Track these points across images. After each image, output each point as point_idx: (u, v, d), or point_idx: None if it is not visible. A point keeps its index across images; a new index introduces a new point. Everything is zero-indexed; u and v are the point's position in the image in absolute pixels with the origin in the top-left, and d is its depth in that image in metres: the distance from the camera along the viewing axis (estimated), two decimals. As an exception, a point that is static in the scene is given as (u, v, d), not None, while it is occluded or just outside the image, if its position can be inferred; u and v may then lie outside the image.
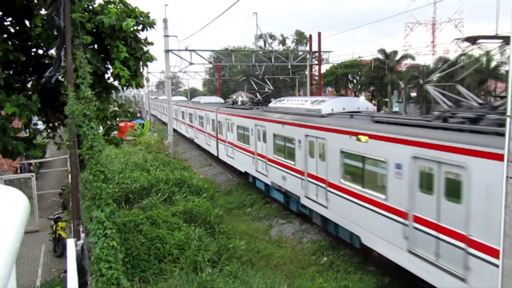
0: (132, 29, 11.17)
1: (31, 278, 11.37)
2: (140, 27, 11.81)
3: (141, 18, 11.82)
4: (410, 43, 74.14)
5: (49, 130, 12.76)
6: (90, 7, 11.13)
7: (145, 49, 11.87)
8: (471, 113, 8.95)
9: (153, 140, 37.17)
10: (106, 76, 11.90)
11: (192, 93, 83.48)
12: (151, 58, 11.94)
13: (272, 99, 21.15)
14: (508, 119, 5.13)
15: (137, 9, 11.79)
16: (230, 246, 12.16)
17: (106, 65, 11.45)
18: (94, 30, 10.68)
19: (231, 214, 17.87)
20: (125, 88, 12.76)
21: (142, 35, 11.99)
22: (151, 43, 12.04)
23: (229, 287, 9.56)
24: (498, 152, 6.94)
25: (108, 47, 11.06)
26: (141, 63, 11.88)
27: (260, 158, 18.48)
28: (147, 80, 14.66)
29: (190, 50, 30.91)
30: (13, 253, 2.07)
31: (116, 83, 12.01)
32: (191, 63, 31.61)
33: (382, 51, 55.35)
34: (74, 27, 9.74)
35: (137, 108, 76.31)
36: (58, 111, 11.75)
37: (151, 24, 11.85)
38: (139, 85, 12.60)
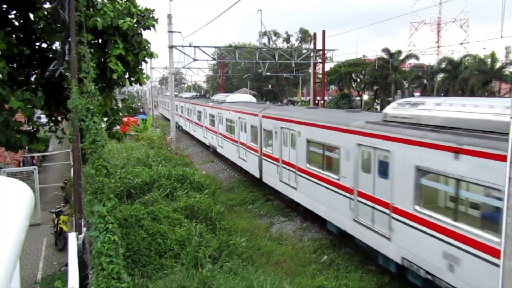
0: (133, 27, 11.18)
1: (33, 271, 11.43)
2: (141, 24, 11.81)
3: (143, 16, 11.80)
4: (415, 43, 74.03)
5: (51, 124, 12.79)
6: (93, 1, 11.13)
7: (145, 45, 11.84)
8: None
9: (155, 135, 37.21)
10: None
11: (195, 89, 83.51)
12: (148, 55, 11.89)
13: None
14: (511, 121, 5.10)
15: (141, 8, 11.78)
16: (231, 243, 12.18)
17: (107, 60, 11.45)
18: (99, 29, 10.69)
19: (232, 211, 17.90)
20: (124, 84, 12.77)
21: (145, 32, 11.98)
22: (148, 42, 11.95)
23: (230, 283, 9.57)
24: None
25: (108, 43, 11.09)
26: (139, 59, 11.83)
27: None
28: (147, 78, 14.57)
29: (194, 46, 30.86)
30: (18, 245, 2.07)
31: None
32: (194, 59, 31.58)
33: (386, 50, 55.15)
34: (75, 24, 9.74)
35: (140, 104, 76.47)
36: (61, 105, 11.77)
37: (150, 25, 11.81)
38: (138, 81, 12.58)
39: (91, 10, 10.94)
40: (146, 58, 11.95)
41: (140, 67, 12.32)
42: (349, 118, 12.46)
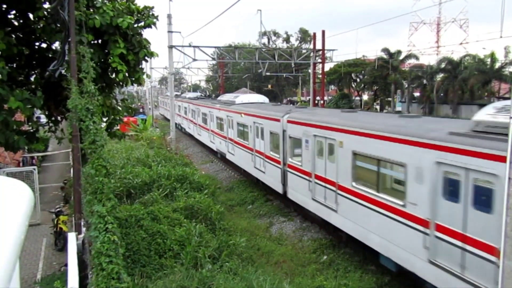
0: (133, 26, 11.21)
1: (32, 271, 11.42)
2: (142, 24, 11.83)
3: (143, 15, 11.82)
4: (415, 43, 74.10)
5: (51, 124, 12.79)
6: (94, 2, 11.14)
7: (145, 45, 11.85)
8: None
9: (155, 135, 37.22)
10: (108, 71, 11.95)
11: (195, 89, 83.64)
12: (149, 54, 11.91)
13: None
14: (511, 121, 5.10)
15: (139, 7, 11.81)
16: (231, 243, 12.18)
17: (109, 60, 11.46)
18: (97, 26, 10.70)
19: (232, 211, 17.90)
20: (125, 84, 12.79)
21: (145, 31, 12.00)
22: (148, 42, 11.97)
23: (229, 283, 9.57)
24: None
25: (108, 43, 11.12)
26: (139, 58, 11.85)
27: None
28: (148, 77, 14.58)
29: (193, 46, 30.85)
30: (18, 245, 2.07)
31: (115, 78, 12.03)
32: (194, 59, 31.59)
33: (386, 50, 55.20)
34: (75, 24, 9.76)
35: (139, 104, 76.50)
36: (61, 105, 11.77)
37: (151, 23, 11.83)
38: (138, 81, 12.57)
39: (91, 9, 10.95)
40: (146, 57, 11.96)
41: (140, 67, 12.33)
42: (417, 126, 9.84)
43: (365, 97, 69.89)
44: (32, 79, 11.91)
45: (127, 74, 11.94)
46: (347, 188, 11.83)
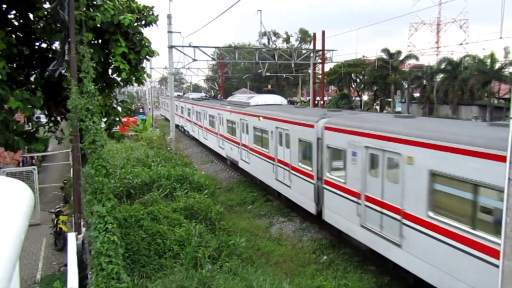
0: (134, 24, 11.22)
1: (32, 271, 11.41)
2: (143, 22, 11.84)
3: (144, 14, 11.83)
4: (415, 43, 74.24)
5: (51, 124, 12.79)
6: (94, 2, 11.15)
7: (147, 43, 11.87)
8: None
9: (155, 135, 37.24)
10: (109, 71, 11.96)
11: (195, 89, 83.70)
12: (150, 53, 11.93)
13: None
14: (511, 121, 5.10)
15: (140, 5, 11.82)
16: (231, 243, 12.17)
17: (109, 60, 11.47)
18: (98, 26, 10.71)
19: (232, 211, 17.89)
20: (126, 84, 12.79)
21: (145, 31, 12.02)
22: (149, 41, 11.99)
23: (229, 283, 9.57)
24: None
25: (109, 42, 11.13)
26: (141, 57, 11.87)
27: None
28: (149, 76, 14.47)
29: (193, 47, 30.86)
30: (18, 245, 2.07)
31: (117, 77, 12.04)
32: (194, 60, 31.59)
33: (386, 50, 55.27)
34: (75, 24, 9.77)
35: (139, 104, 76.56)
36: (60, 105, 11.78)
37: (153, 21, 11.86)
38: (139, 80, 12.58)
39: (91, 9, 10.96)
40: (148, 56, 11.98)
41: (141, 66, 12.34)
42: None
43: (365, 97, 69.95)
44: (32, 79, 11.90)
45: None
46: (419, 218, 9.16)
